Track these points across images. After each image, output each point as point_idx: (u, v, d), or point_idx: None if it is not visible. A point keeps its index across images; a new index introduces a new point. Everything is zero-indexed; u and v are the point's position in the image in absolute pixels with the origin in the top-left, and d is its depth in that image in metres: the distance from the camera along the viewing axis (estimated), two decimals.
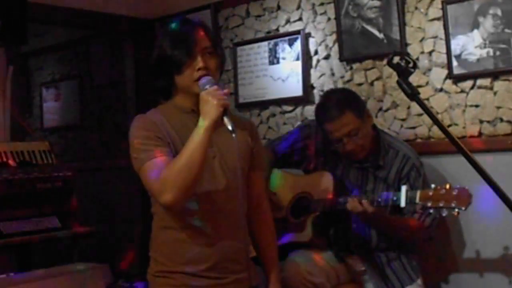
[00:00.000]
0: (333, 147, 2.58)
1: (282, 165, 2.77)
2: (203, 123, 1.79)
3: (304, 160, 2.77)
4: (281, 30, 3.42)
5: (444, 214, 2.20)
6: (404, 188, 2.29)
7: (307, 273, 2.46)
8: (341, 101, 2.53)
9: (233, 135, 1.79)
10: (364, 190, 2.56)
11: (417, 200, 2.25)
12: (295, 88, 3.33)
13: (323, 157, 2.70)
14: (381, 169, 2.56)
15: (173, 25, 1.98)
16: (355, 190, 2.55)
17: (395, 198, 2.32)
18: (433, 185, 2.23)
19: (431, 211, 2.43)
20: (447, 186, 2.18)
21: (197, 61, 1.88)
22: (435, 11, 2.81)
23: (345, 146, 2.50)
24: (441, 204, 2.17)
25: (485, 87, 2.68)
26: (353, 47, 3.08)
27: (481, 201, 2.25)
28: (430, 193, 2.21)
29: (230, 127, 1.78)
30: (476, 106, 2.71)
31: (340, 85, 3.14)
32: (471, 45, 2.69)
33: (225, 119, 1.80)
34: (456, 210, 2.14)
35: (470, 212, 2.21)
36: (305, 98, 3.28)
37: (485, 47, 2.65)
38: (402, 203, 2.28)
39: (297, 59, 3.32)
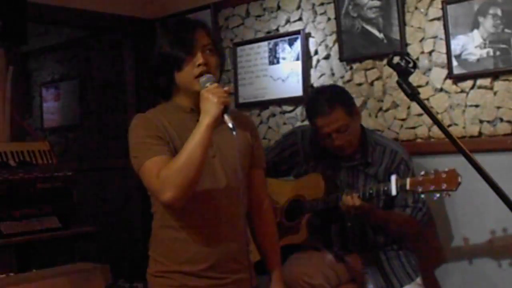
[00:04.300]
0: (321, 143, 2.61)
1: (272, 174, 2.78)
2: (204, 121, 1.79)
3: (294, 166, 2.79)
4: (281, 30, 3.42)
5: (435, 198, 2.24)
6: (394, 177, 2.33)
7: (305, 275, 2.47)
8: (332, 97, 2.57)
9: (234, 133, 1.78)
10: (356, 188, 2.57)
11: (408, 186, 2.28)
12: (295, 88, 3.33)
13: (313, 160, 2.72)
14: (370, 166, 2.59)
15: (172, 24, 1.98)
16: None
17: (385, 188, 2.35)
18: (422, 172, 2.28)
19: (423, 207, 2.49)
20: (435, 171, 2.22)
21: (197, 58, 1.88)
22: (435, 11, 2.81)
23: (333, 142, 2.54)
24: (431, 188, 2.22)
25: (485, 87, 2.68)
26: (353, 47, 3.08)
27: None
28: (420, 179, 2.26)
29: (230, 125, 1.78)
30: (476, 106, 2.71)
31: (340, 85, 3.14)
32: (471, 45, 2.69)
33: (226, 117, 1.79)
34: (447, 192, 2.19)
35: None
36: (305, 98, 3.28)
37: (485, 47, 2.65)
38: (393, 192, 2.32)
39: (297, 59, 3.32)
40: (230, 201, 1.95)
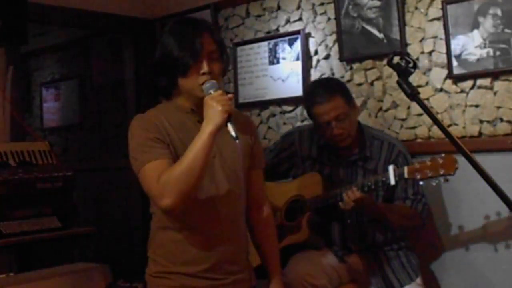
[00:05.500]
0: (320, 134, 2.62)
1: (271, 176, 2.78)
2: (207, 129, 1.77)
3: (292, 167, 2.80)
4: (281, 30, 3.42)
5: (434, 184, 2.24)
6: (391, 167, 2.33)
7: (308, 275, 2.46)
8: (331, 86, 2.60)
9: (237, 141, 1.78)
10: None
11: (406, 174, 2.29)
12: (295, 88, 3.33)
13: (311, 161, 2.72)
14: (369, 160, 2.59)
15: (179, 25, 1.96)
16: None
17: (384, 178, 2.35)
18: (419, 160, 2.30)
19: (423, 198, 2.51)
20: (432, 157, 2.23)
21: (202, 65, 1.86)
22: (435, 11, 2.81)
23: (333, 130, 2.54)
24: (429, 174, 2.23)
25: (485, 87, 2.68)
26: (353, 47, 3.08)
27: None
28: (417, 166, 2.27)
29: (234, 134, 1.77)
30: (476, 106, 2.71)
31: None
32: (471, 45, 2.69)
33: (229, 126, 1.78)
34: (445, 177, 2.20)
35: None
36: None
37: (485, 47, 2.65)
38: (392, 181, 2.32)
39: (297, 59, 3.32)
40: (229, 202, 1.95)
